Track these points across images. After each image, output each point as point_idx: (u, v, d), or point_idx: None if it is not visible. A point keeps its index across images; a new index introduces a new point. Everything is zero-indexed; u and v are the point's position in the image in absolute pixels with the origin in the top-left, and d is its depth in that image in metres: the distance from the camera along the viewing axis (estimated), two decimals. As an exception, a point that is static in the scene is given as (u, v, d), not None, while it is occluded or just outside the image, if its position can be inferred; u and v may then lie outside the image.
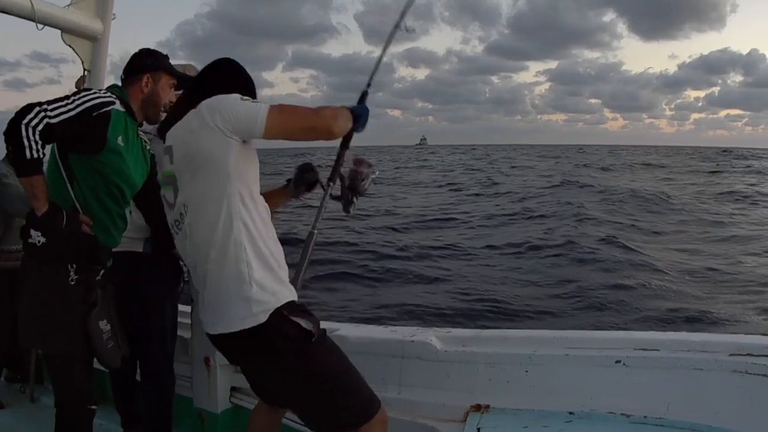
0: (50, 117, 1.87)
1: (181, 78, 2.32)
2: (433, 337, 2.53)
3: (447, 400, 2.40)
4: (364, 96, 2.19)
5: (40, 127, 1.85)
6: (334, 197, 2.11)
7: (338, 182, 2.15)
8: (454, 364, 2.44)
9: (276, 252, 1.80)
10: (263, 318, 1.71)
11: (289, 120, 1.77)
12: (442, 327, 2.76)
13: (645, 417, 2.12)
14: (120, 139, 2.07)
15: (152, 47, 2.38)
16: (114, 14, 3.01)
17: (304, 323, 1.74)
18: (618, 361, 2.23)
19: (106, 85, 2.69)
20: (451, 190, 29.56)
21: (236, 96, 1.75)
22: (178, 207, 1.81)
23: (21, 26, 2.70)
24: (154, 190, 2.35)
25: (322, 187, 2.18)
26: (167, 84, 2.26)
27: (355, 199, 2.08)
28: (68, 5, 2.83)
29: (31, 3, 2.54)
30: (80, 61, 2.97)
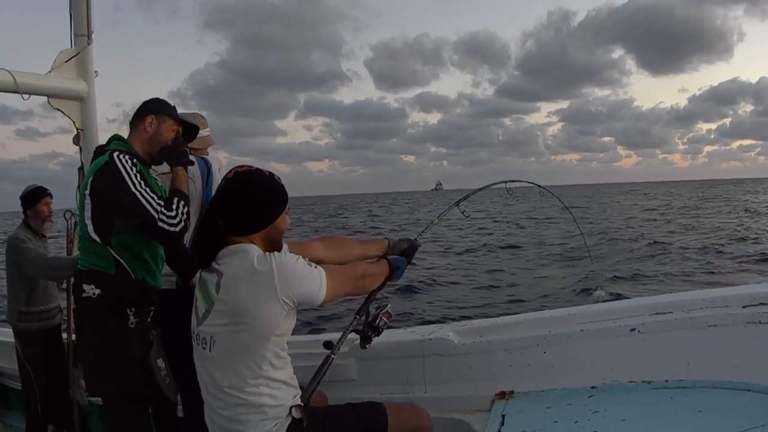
0: (160, 207, 2.06)
1: (186, 126, 2.38)
2: (450, 332, 2.57)
3: (472, 392, 2.44)
4: (412, 249, 2.35)
5: (176, 218, 2.09)
6: (354, 330, 2.26)
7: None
8: (474, 355, 2.48)
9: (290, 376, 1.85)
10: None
11: (339, 289, 1.86)
12: (458, 321, 2.80)
13: (666, 381, 2.13)
14: None
15: (164, 97, 2.47)
16: (96, 72, 3.08)
17: (294, 413, 1.80)
18: (633, 329, 2.24)
19: (102, 139, 2.77)
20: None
21: (302, 263, 1.77)
22: (204, 332, 1.81)
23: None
24: None
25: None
26: (171, 128, 2.31)
27: (372, 337, 2.24)
28: (49, 71, 2.90)
29: (13, 77, 2.62)
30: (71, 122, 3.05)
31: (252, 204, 1.80)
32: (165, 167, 2.41)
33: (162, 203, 2.08)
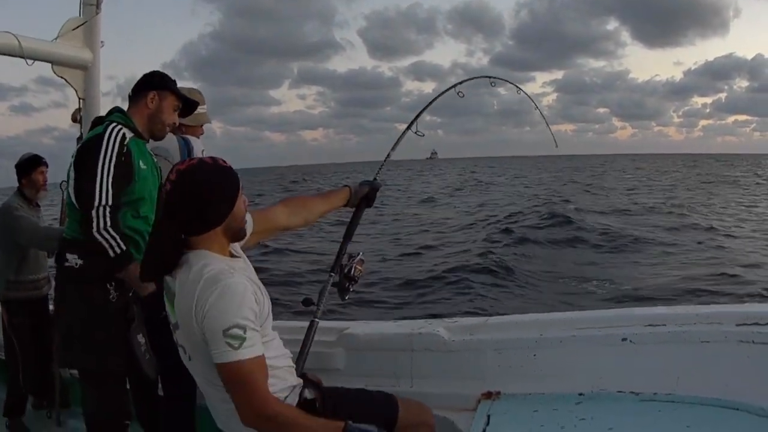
0: (106, 204, 2.01)
1: (186, 102, 2.36)
2: (440, 327, 2.54)
3: (459, 390, 2.41)
4: (373, 191, 2.38)
5: (109, 222, 2.01)
6: (333, 284, 2.28)
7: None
8: (463, 353, 2.45)
9: (282, 362, 1.78)
10: None
11: (252, 384, 1.61)
12: (449, 317, 2.78)
13: (654, 394, 2.11)
14: (142, 163, 2.18)
15: (157, 69, 2.47)
16: (102, 42, 3.06)
17: (307, 393, 1.78)
18: (625, 339, 2.22)
19: (104, 109, 2.75)
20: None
21: (240, 320, 1.54)
22: (180, 341, 1.73)
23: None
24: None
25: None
26: (171, 105, 2.29)
27: (350, 287, 2.26)
28: (55, 38, 2.88)
29: (18, 41, 2.59)
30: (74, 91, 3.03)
31: (201, 203, 1.62)
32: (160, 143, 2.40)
33: (111, 206, 2.02)
